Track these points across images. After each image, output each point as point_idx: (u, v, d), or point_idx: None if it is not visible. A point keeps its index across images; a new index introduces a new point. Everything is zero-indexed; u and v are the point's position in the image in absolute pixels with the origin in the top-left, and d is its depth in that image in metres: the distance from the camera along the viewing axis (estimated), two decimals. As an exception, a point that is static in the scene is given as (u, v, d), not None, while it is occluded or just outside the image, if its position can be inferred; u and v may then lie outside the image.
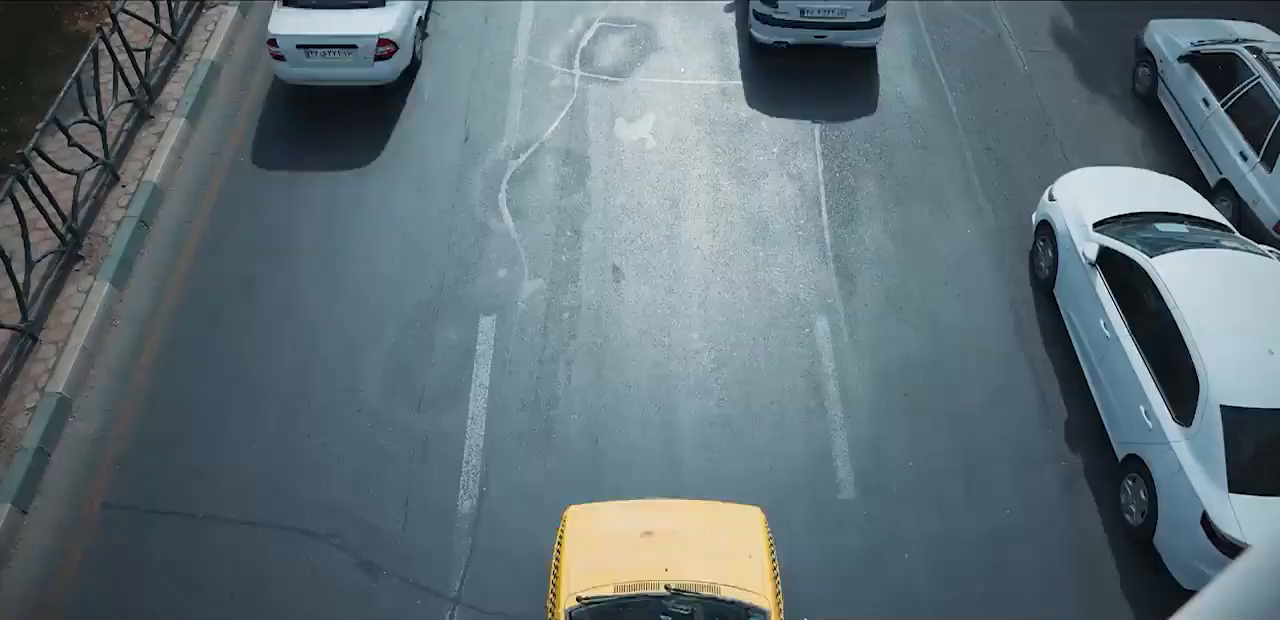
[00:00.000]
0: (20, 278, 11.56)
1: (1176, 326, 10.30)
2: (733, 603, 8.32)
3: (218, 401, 11.47)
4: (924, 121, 15.07)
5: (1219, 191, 13.54)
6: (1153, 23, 15.49)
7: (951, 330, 12.38)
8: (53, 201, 12.25)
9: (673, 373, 11.84)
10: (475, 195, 13.80)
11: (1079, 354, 11.80)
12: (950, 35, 16.56)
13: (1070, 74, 15.98)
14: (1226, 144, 13.50)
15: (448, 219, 13.47)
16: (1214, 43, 14.42)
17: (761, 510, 9.46)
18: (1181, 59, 14.51)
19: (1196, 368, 9.94)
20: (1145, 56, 15.39)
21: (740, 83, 15.55)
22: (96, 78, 13.42)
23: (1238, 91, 13.54)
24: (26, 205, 11.80)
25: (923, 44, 16.39)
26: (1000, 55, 16.27)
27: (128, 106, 14.27)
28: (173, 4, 15.41)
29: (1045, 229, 12.71)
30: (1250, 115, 13.27)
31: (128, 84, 14.13)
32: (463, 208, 13.62)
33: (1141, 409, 10.42)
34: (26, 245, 11.78)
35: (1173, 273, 10.75)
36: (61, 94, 12.79)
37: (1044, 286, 12.67)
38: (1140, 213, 12.16)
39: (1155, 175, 13.26)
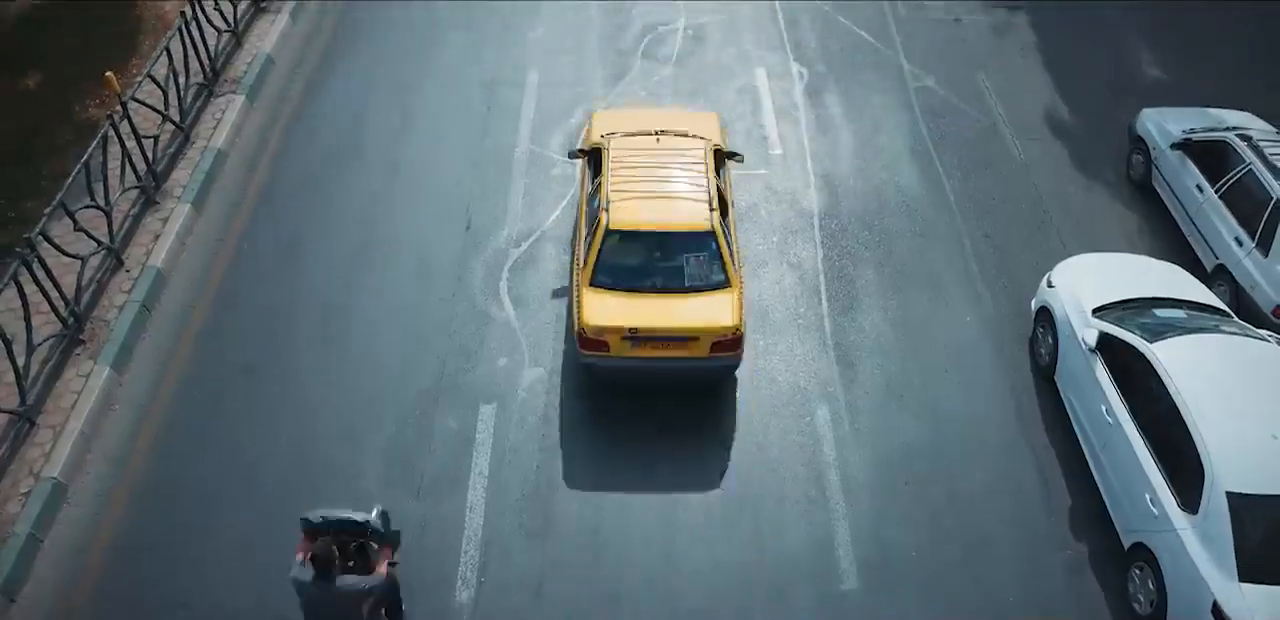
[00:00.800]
0: (20, 361, 11.56)
1: (1179, 412, 10.27)
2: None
3: (215, 488, 11.36)
4: (922, 209, 15.22)
5: (1216, 276, 13.62)
6: (1144, 111, 15.77)
7: (952, 418, 12.34)
8: (56, 285, 12.31)
9: (674, 462, 11.76)
10: (476, 283, 13.85)
11: (1081, 440, 11.74)
12: (946, 125, 16.81)
13: (1065, 161, 16.20)
14: (1222, 229, 13.62)
15: (448, 307, 13.50)
16: (1205, 130, 14.68)
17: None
18: (1174, 146, 14.73)
19: (1201, 454, 9.87)
20: (1138, 144, 15.62)
21: (739, 172, 15.68)
22: (105, 164, 13.59)
23: (1230, 178, 13.71)
24: (30, 289, 11.83)
25: (919, 134, 16.62)
26: (996, 144, 16.50)
27: (134, 192, 14.43)
28: (182, 93, 15.69)
29: (1044, 315, 12.75)
30: (1244, 201, 13.42)
31: (135, 170, 14.31)
32: (464, 296, 13.67)
33: (1146, 496, 10.32)
34: (28, 329, 11.80)
35: (1173, 358, 10.75)
36: (70, 180, 12.94)
37: (1044, 373, 12.65)
38: (1139, 298, 12.21)
39: (1152, 261, 13.35)
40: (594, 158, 13.62)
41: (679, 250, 11.95)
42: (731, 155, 13.92)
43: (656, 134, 13.41)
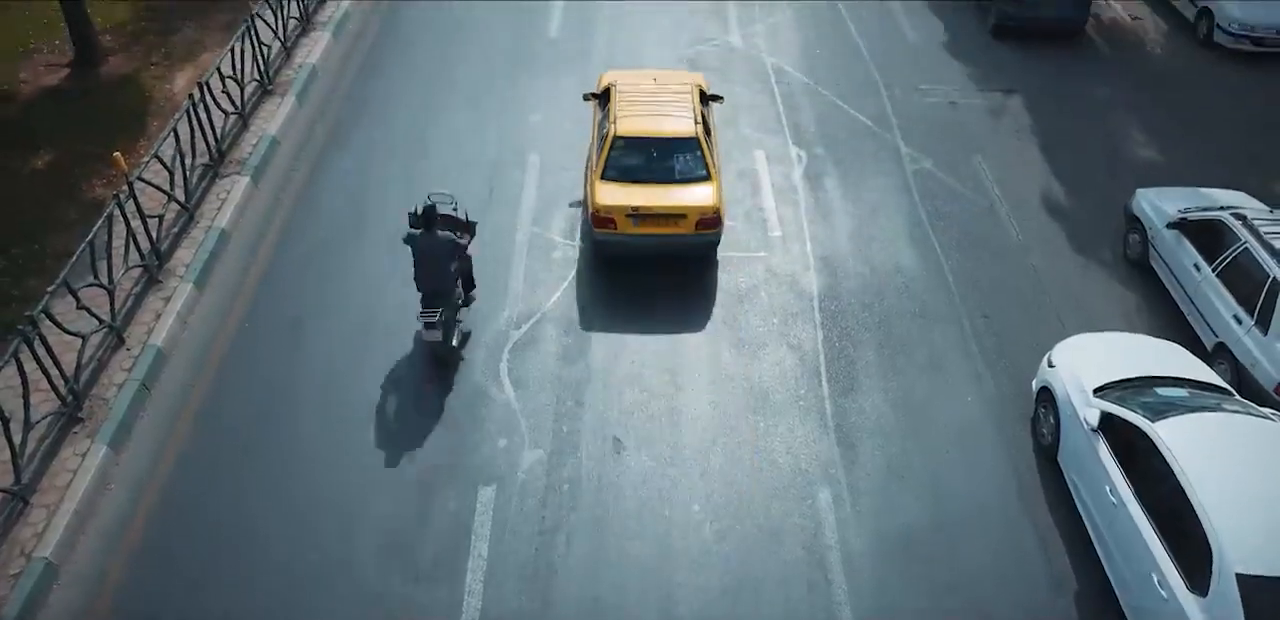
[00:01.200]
0: (17, 439, 11.48)
1: (1184, 492, 10.17)
2: None
3: (209, 571, 11.19)
4: (921, 290, 15.29)
5: (1217, 355, 13.63)
6: (1139, 191, 15.96)
7: (955, 499, 12.22)
8: (56, 363, 12.30)
9: (674, 545, 11.62)
10: (477, 364, 13.84)
11: (1085, 520, 11.61)
12: (944, 206, 16.99)
13: (1062, 241, 16.33)
14: (1220, 308, 13.67)
15: (449, 387, 13.48)
16: (1200, 210, 14.82)
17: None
18: (1170, 226, 14.87)
19: (1208, 535, 9.75)
20: (1134, 223, 15.77)
21: (739, 255, 15.84)
22: (110, 243, 13.70)
23: (1227, 257, 13.81)
24: (30, 366, 11.83)
25: (917, 216, 16.78)
26: (993, 224, 16.65)
27: (137, 271, 14.52)
28: (188, 173, 15.88)
29: (1045, 395, 12.72)
30: (1241, 279, 13.50)
31: (139, 249, 14.41)
32: (464, 377, 13.65)
33: (1154, 577, 10.17)
34: (26, 406, 11.75)
35: (1177, 437, 10.69)
36: (74, 258, 13.02)
37: (1047, 453, 12.58)
38: (1140, 378, 12.19)
39: (1152, 340, 13.37)
40: (604, 99, 16.54)
41: (671, 151, 15.06)
42: (715, 97, 17.22)
43: (654, 79, 16.74)
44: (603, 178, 14.94)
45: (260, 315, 14.61)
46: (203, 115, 16.50)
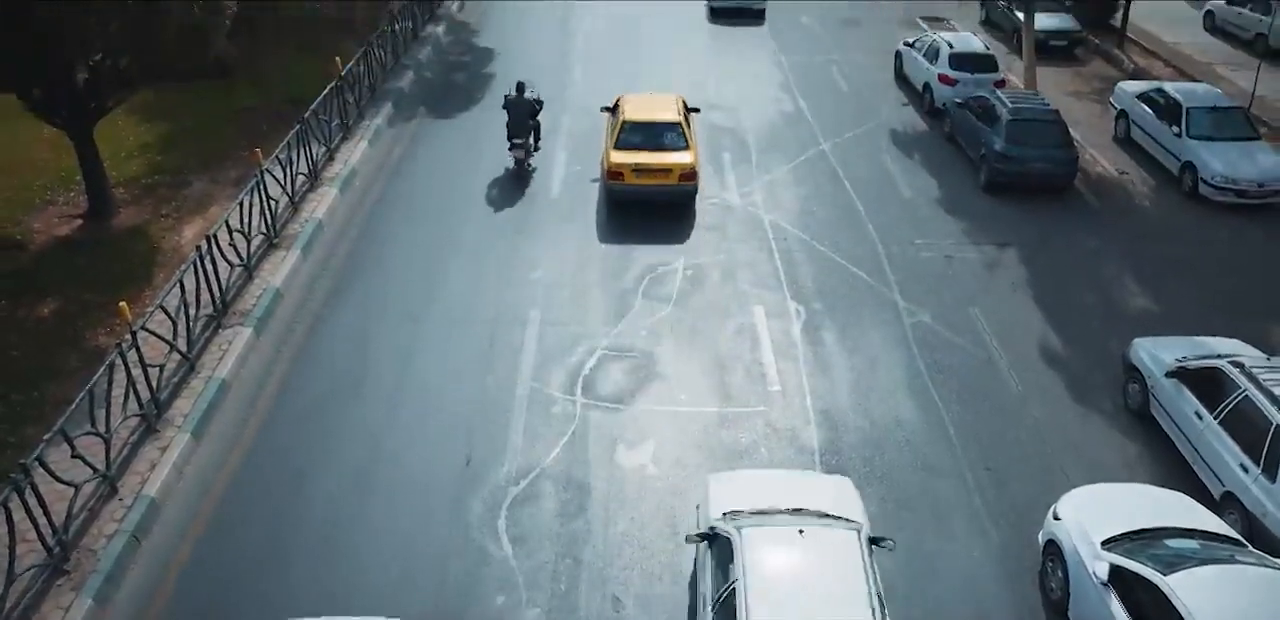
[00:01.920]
0: (-2, 592, 11.20)
1: (1200, 647, 9.86)
2: None
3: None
4: (922, 443, 15.17)
5: (1225, 504, 13.41)
6: (1136, 341, 16.04)
7: (966, 654, 11.83)
8: (46, 513, 12.08)
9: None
10: (474, 520, 13.62)
11: (1102, 678, 11.20)
12: (942, 359, 17.04)
13: (1062, 391, 16.33)
14: (1225, 456, 13.55)
15: (445, 544, 13.23)
16: (1198, 358, 14.87)
17: None
18: (1169, 375, 14.89)
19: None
20: (1133, 373, 15.79)
21: (739, 410, 15.80)
22: (109, 391, 13.69)
23: (1228, 404, 13.77)
24: (19, 515, 11.63)
25: (916, 368, 16.81)
26: (992, 376, 16.67)
27: (135, 420, 14.45)
28: (191, 324, 16.00)
29: (1053, 549, 12.46)
30: (1244, 427, 13.43)
31: (138, 398, 14.38)
32: (461, 533, 13.41)
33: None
34: (11, 558, 11.48)
35: (1190, 591, 10.44)
36: (73, 406, 12.98)
37: (1057, 608, 12.24)
38: (1149, 529, 11.98)
39: (1159, 490, 13.19)
40: (614, 109, 23.09)
41: (661, 131, 21.65)
42: (694, 109, 24.20)
43: (650, 94, 23.89)
44: (615, 147, 21.37)
45: (257, 467, 14.47)
46: (209, 267, 16.76)
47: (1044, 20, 30.03)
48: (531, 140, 23.15)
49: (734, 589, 10.31)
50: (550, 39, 32.21)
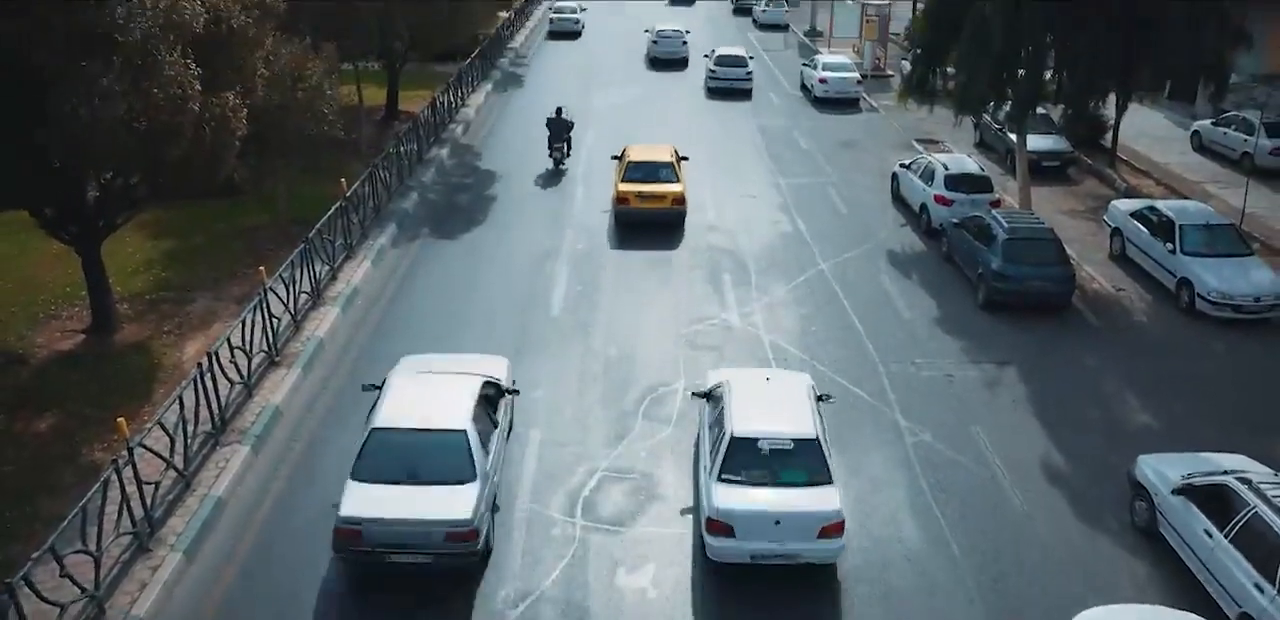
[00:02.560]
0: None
1: None
2: None
3: None
4: (927, 564, 14.91)
5: (1242, 627, 13.09)
6: (1141, 458, 15.90)
7: None
8: (31, 635, 11.81)
9: None
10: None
11: None
12: (945, 478, 16.85)
13: (1067, 510, 16.12)
14: (1239, 576, 13.26)
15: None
16: (1204, 475, 14.69)
17: None
18: (1176, 492, 14.71)
19: None
20: (1139, 490, 15.60)
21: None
22: (102, 508, 13.48)
23: (1238, 522, 13.55)
24: (2, 638, 11.36)
25: (919, 488, 16.62)
26: (996, 494, 16.49)
27: (127, 538, 14.20)
28: (189, 441, 15.89)
29: (1067, 669, 12.13)
30: (1256, 545, 13.18)
31: (131, 516, 14.16)
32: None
33: None
34: (-8, 682, 11.19)
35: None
36: (64, 523, 12.77)
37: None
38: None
39: (1171, 611, 12.87)
40: (621, 157, 29.04)
41: (658, 169, 27.82)
42: (683, 158, 29.60)
43: (649, 146, 30.05)
44: (623, 181, 27.63)
45: (250, 588, 14.16)
46: (209, 384, 16.73)
47: (1036, 141, 30.66)
48: (566, 148, 32.43)
49: (722, 412, 15.32)
50: (548, 164, 32.89)
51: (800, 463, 14.45)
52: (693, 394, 17.17)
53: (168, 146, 18.02)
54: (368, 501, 13.81)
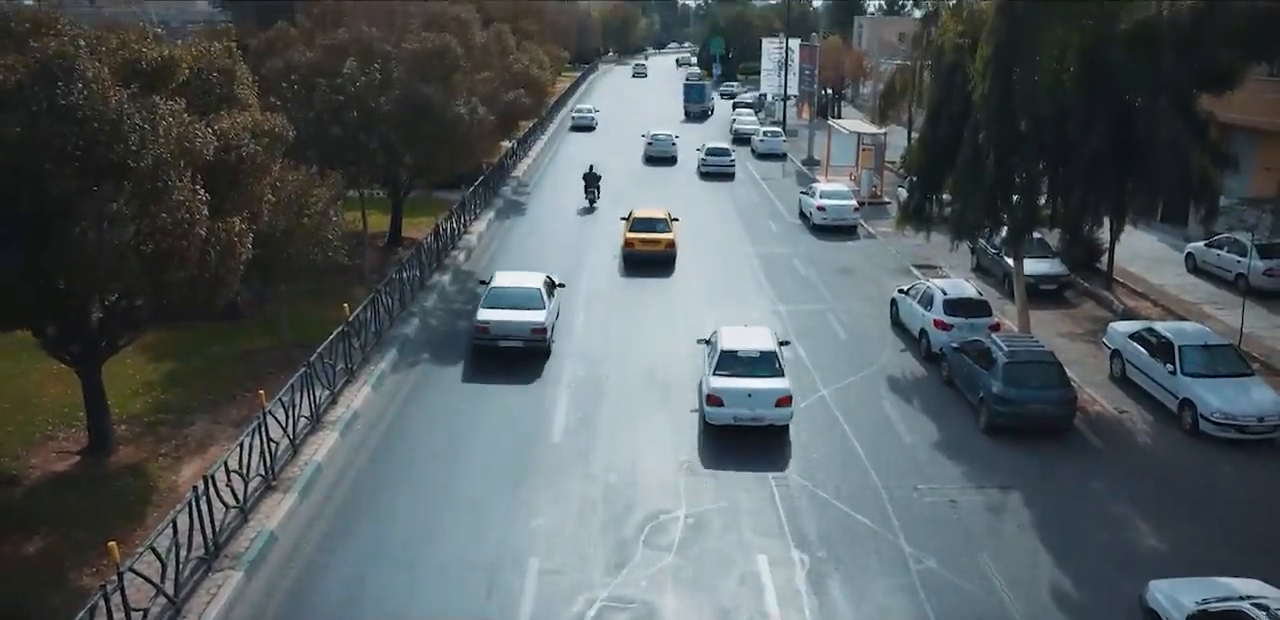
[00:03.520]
0: None
1: None
2: None
3: None
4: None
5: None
6: (1153, 584, 15.59)
7: None
8: None
9: None
10: None
11: None
12: (951, 606, 16.52)
13: (1079, 635, 15.74)
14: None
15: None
16: (1219, 600, 14.39)
17: None
18: (1190, 619, 14.33)
19: None
20: (1152, 616, 15.32)
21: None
22: (88, 634, 13.17)
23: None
24: None
25: (924, 615, 16.29)
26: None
27: (108, 671, 13.81)
28: (181, 566, 15.59)
29: None
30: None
31: (116, 646, 13.81)
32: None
33: None
34: None
35: None
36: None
37: None
38: None
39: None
40: (627, 217, 38.51)
41: (655, 223, 37.76)
42: (674, 219, 38.74)
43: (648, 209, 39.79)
44: (630, 231, 37.07)
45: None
46: (204, 508, 16.50)
47: (1033, 265, 30.97)
48: (596, 193, 46.61)
49: (716, 341, 23.78)
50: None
51: (763, 364, 22.76)
52: (698, 340, 25.72)
53: (173, 269, 18.19)
54: (492, 313, 26.70)
